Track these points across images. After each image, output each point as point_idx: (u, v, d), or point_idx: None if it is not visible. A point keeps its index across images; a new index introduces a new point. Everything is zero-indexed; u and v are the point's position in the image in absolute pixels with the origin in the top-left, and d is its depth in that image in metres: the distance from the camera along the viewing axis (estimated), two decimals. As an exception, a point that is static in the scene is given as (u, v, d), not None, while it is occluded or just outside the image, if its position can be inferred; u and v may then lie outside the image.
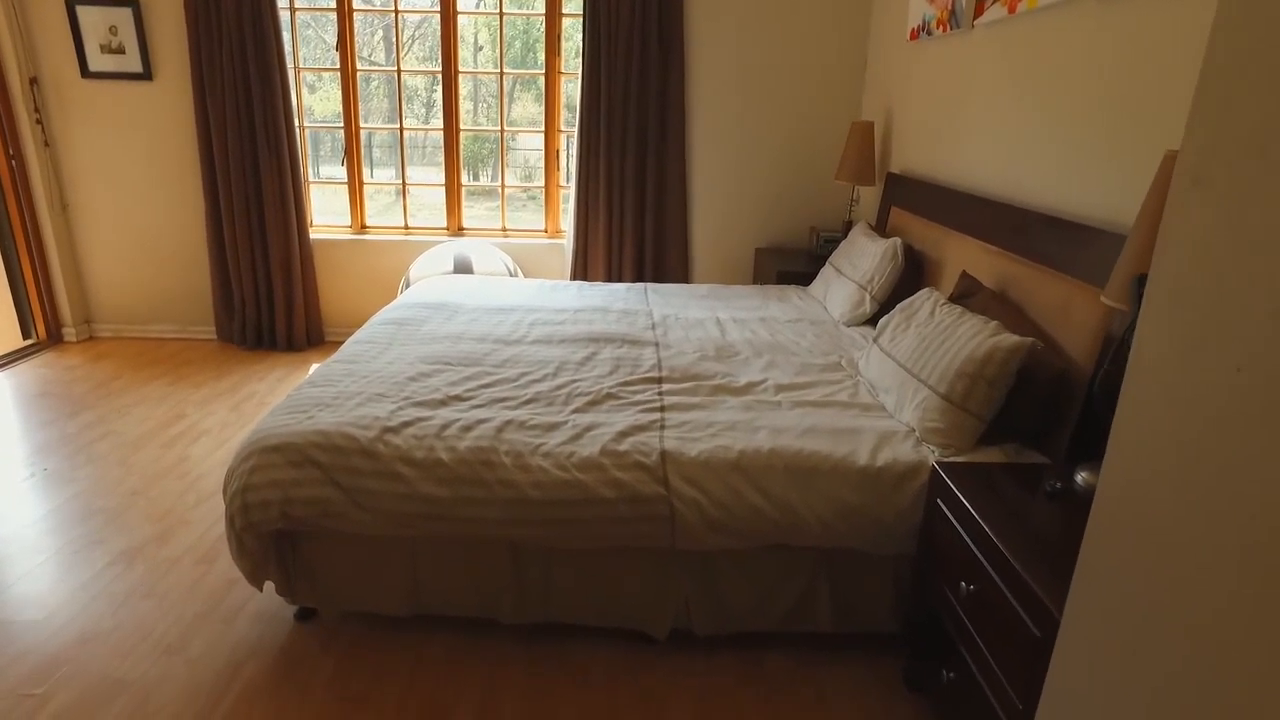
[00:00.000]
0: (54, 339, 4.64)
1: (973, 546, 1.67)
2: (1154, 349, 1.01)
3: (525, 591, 2.12)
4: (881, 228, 3.74)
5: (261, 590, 2.20)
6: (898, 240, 3.09)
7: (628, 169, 4.26)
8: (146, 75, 4.36)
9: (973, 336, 2.11)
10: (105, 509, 2.81)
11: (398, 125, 4.81)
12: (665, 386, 2.47)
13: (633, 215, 4.33)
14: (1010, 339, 2.02)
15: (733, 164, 4.42)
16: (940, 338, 2.23)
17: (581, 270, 4.46)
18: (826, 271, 3.62)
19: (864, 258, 3.29)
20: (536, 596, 2.12)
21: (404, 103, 4.83)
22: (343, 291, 4.71)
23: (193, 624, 2.23)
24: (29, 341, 4.55)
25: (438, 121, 4.61)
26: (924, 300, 2.50)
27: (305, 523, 1.99)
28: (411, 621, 2.24)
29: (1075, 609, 1.17)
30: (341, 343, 3.89)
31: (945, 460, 1.98)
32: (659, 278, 4.48)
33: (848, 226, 4.03)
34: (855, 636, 2.20)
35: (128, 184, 4.53)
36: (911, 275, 3.11)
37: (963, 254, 2.81)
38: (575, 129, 4.28)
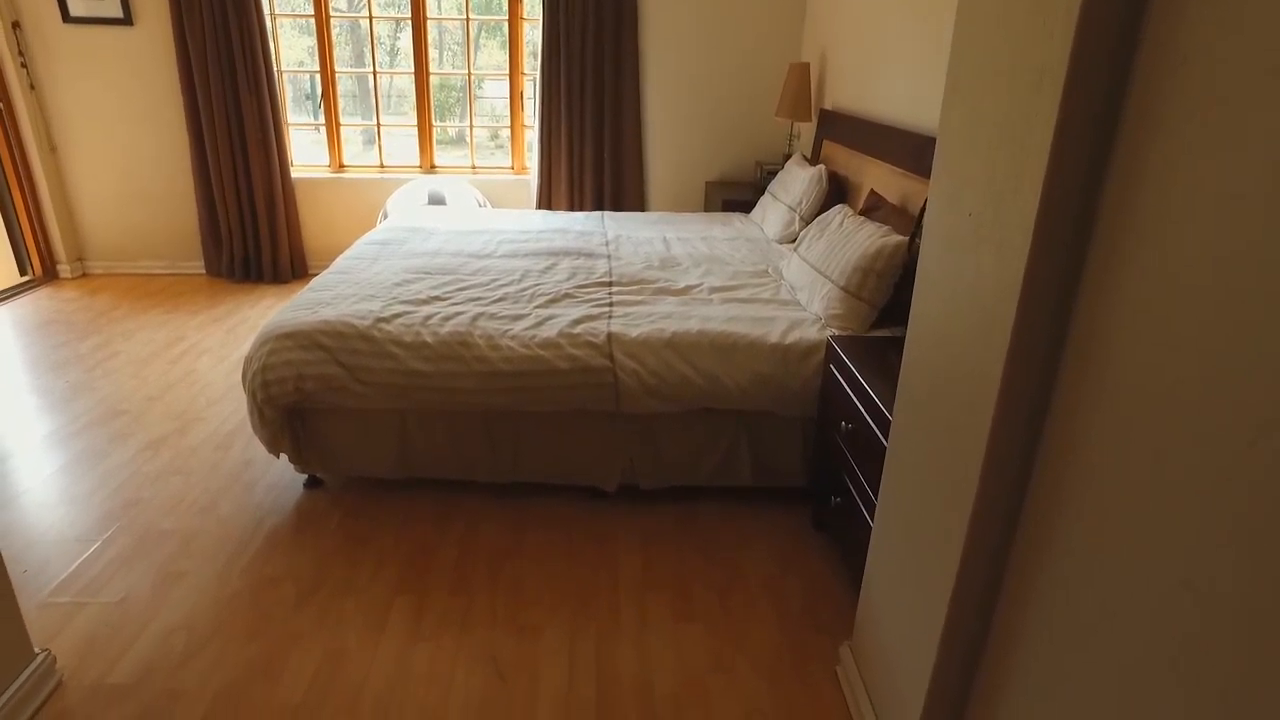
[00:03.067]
0: (50, 275, 4.94)
1: (851, 395, 2.13)
2: (932, 211, 1.46)
3: (497, 455, 2.56)
4: (815, 159, 4.15)
5: (278, 458, 2.62)
6: (822, 167, 3.52)
7: (587, 109, 4.62)
8: (127, 20, 4.60)
9: (868, 238, 2.55)
10: (127, 411, 3.20)
11: (370, 70, 5.11)
12: (614, 289, 2.89)
13: (592, 151, 4.70)
14: (895, 238, 2.46)
15: (684, 103, 4.79)
16: (844, 241, 2.66)
17: (546, 203, 4.84)
18: (765, 199, 4.04)
19: (795, 184, 3.71)
20: (507, 459, 2.56)
21: (373, 49, 5.11)
22: (324, 226, 5.05)
23: (218, 492, 2.65)
24: (26, 278, 4.85)
25: (401, 69, 4.91)
26: (835, 214, 2.93)
27: (314, 397, 2.41)
28: (403, 484, 2.68)
29: (899, 414, 1.64)
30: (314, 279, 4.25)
31: (837, 334, 2.43)
32: (617, 209, 4.87)
33: (786, 159, 4.44)
34: (772, 491, 2.67)
35: (113, 126, 4.80)
36: (836, 198, 3.54)
37: (876, 176, 3.24)
38: (537, 71, 4.61)
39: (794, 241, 3.60)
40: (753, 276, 3.08)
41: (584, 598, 2.20)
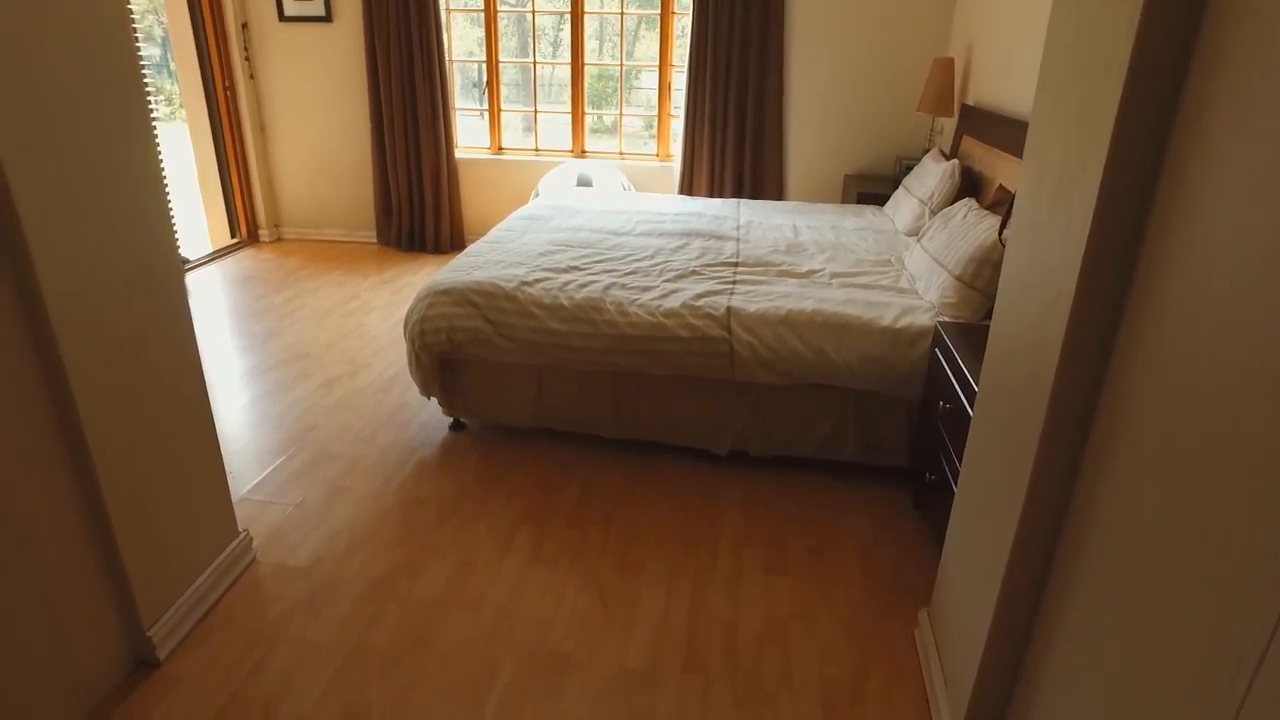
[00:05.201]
0: (252, 239, 5.66)
1: (951, 376, 2.23)
2: (1019, 197, 1.57)
3: (620, 413, 2.81)
4: (953, 154, 4.16)
5: (429, 400, 3.00)
6: (956, 162, 3.55)
7: (731, 100, 4.80)
8: (328, 18, 5.20)
9: (987, 230, 2.62)
10: (309, 355, 3.70)
11: (531, 60, 5.51)
12: (739, 269, 3.08)
13: (734, 141, 4.88)
14: (1014, 230, 2.51)
15: (826, 97, 4.88)
16: (964, 233, 2.74)
17: (687, 189, 5.07)
18: (898, 192, 4.09)
19: (928, 178, 3.76)
20: (629, 417, 2.82)
21: (535, 40, 5.51)
22: (481, 203, 5.51)
23: (379, 426, 3.06)
24: (234, 240, 5.58)
25: (562, 60, 5.27)
26: (960, 207, 2.99)
27: (463, 348, 2.75)
28: (535, 433, 2.99)
29: (983, 387, 1.76)
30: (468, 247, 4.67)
31: (944, 320, 2.52)
32: (755, 198, 5.03)
33: (926, 154, 4.45)
34: (875, 469, 2.79)
35: (310, 110, 5.43)
36: (968, 193, 3.56)
37: (1007, 172, 3.25)
38: (685, 63, 4.84)
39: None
40: (875, 265, 3.18)
41: (686, 544, 2.42)
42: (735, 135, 4.88)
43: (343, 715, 1.82)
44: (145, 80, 1.83)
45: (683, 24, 5.00)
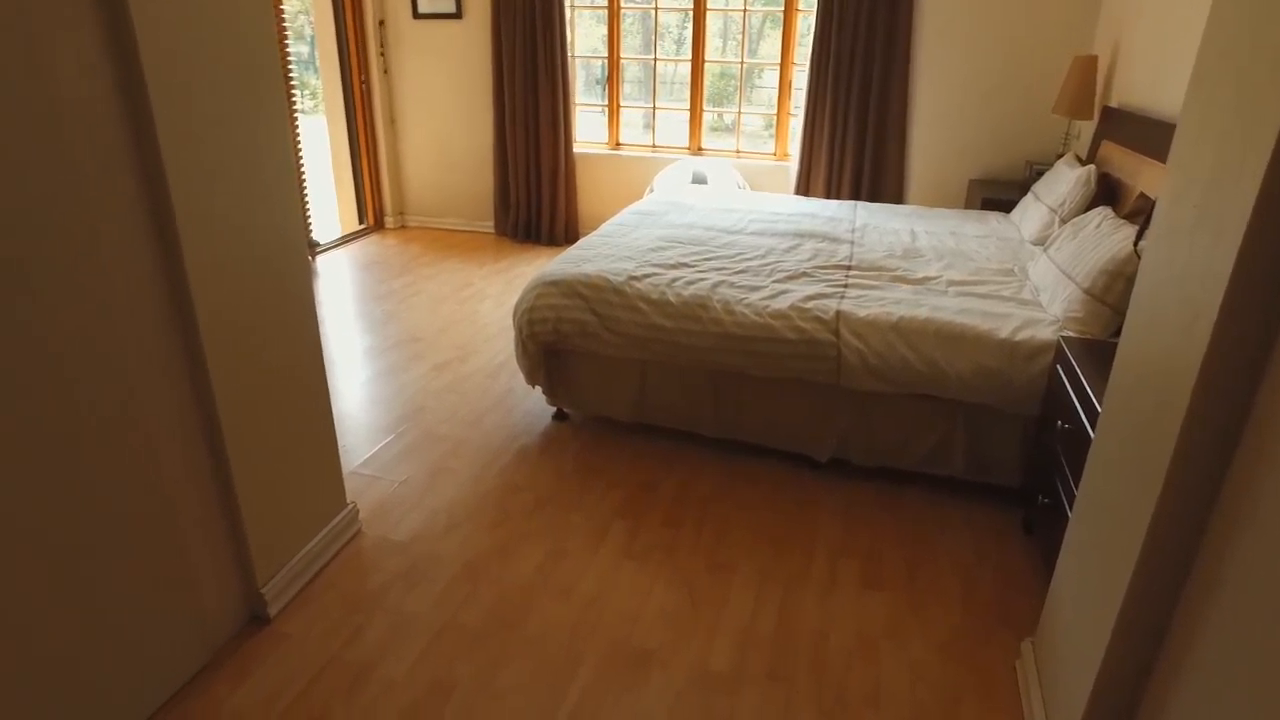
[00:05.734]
0: (378, 225, 5.93)
1: (1072, 394, 2.10)
2: (1160, 204, 1.45)
3: (721, 412, 2.79)
4: (1089, 160, 3.91)
5: (534, 389, 3.06)
6: (1092, 168, 3.34)
7: (852, 99, 4.68)
8: (458, 15, 5.39)
9: (1123, 241, 2.45)
10: (423, 338, 3.84)
11: (652, 58, 5.53)
12: (852, 272, 3.00)
13: (854, 142, 4.76)
14: (1154, 243, 2.34)
15: (953, 98, 4.68)
16: (1096, 243, 2.57)
17: (804, 189, 4.98)
18: (1026, 199, 3.88)
19: (1060, 184, 3.55)
20: (730, 417, 2.79)
21: (657, 38, 5.52)
22: (597, 197, 5.58)
23: (484, 411, 3.14)
24: (362, 226, 5.86)
25: (685, 57, 5.26)
26: (1094, 216, 2.81)
27: (569, 339, 2.79)
28: (634, 427, 3.01)
29: (1107, 407, 1.65)
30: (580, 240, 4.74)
31: (1069, 335, 2.37)
32: (873, 200, 4.88)
33: (1059, 159, 4.21)
34: (984, 487, 2.66)
35: (436, 103, 5.64)
36: (1104, 201, 3.34)
37: (1150, 179, 3.03)
38: (807, 61, 4.75)
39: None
40: (996, 274, 3.03)
41: (779, 550, 2.38)
42: (855, 135, 4.75)
43: (431, 687, 1.87)
44: (290, 76, 1.93)
45: (807, 22, 4.91)
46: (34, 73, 1.37)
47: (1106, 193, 3.36)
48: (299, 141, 4.38)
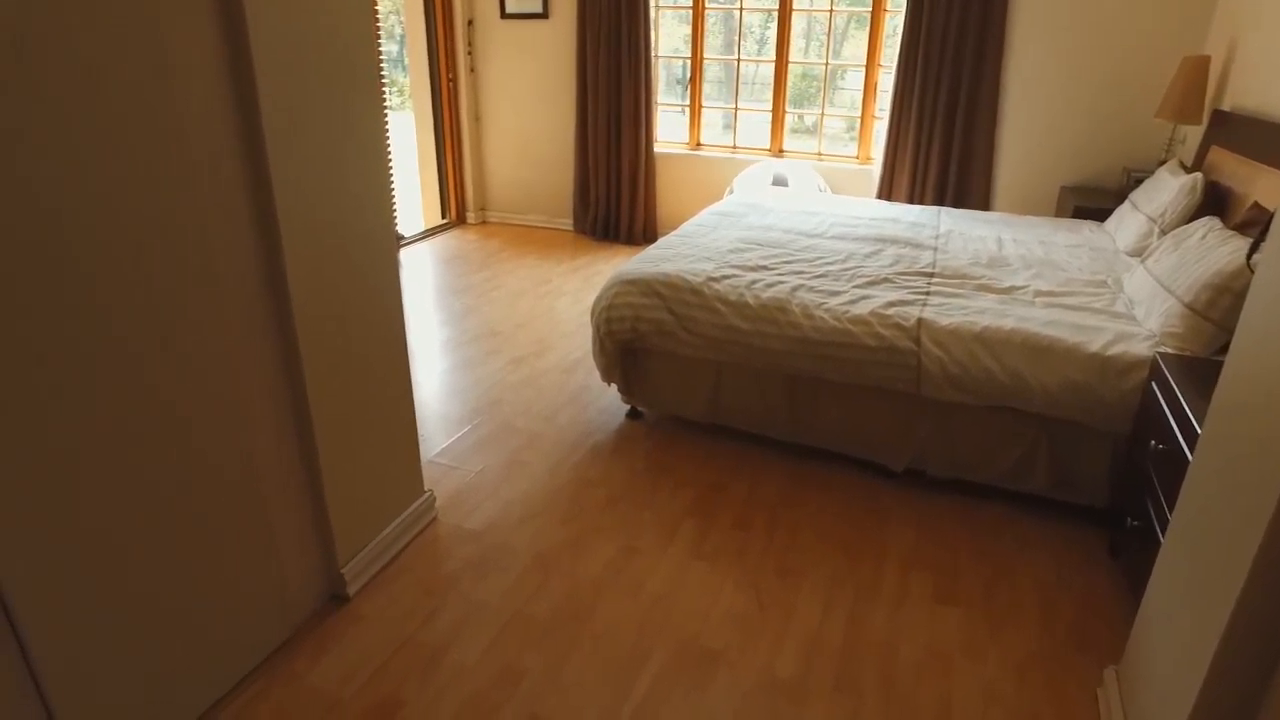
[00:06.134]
0: (460, 220, 6.07)
1: (1168, 414, 2.01)
2: None
3: (796, 417, 2.76)
4: (1196, 167, 3.73)
5: (609, 386, 3.09)
6: (1198, 175, 3.18)
7: (940, 102, 4.57)
8: (544, 15, 5.46)
9: (1231, 253, 2.33)
10: (501, 332, 3.92)
11: (735, 58, 5.51)
12: (934, 280, 2.93)
13: (940, 147, 4.64)
14: (1264, 257, 2.22)
15: (1047, 102, 4.52)
16: (1201, 256, 2.45)
17: (886, 194, 4.89)
18: (1123, 207, 3.73)
19: (1161, 192, 3.39)
20: (804, 422, 2.76)
21: (740, 38, 5.50)
22: (676, 197, 5.59)
23: (559, 406, 3.19)
24: (444, 220, 6.00)
25: (767, 58, 5.22)
26: (1199, 226, 2.68)
27: (646, 338, 2.81)
28: (707, 428, 3.00)
29: (1208, 427, 1.57)
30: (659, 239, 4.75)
31: (1166, 351, 2.27)
32: (958, 206, 4.76)
33: (1161, 166, 4.02)
34: (1067, 506, 2.56)
35: (520, 101, 5.73)
36: (1210, 211, 3.17)
37: (1267, 188, 2.87)
38: (894, 62, 4.65)
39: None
40: (1087, 285, 2.92)
41: (850, 559, 2.34)
42: (942, 139, 4.64)
43: (500, 674, 1.91)
44: (382, 74, 2.00)
45: (894, 22, 4.81)
46: (161, 74, 1.45)
47: (1214, 202, 3.19)
48: (388, 138, 4.50)
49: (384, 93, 2.00)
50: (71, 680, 1.47)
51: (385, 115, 2.02)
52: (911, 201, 4.82)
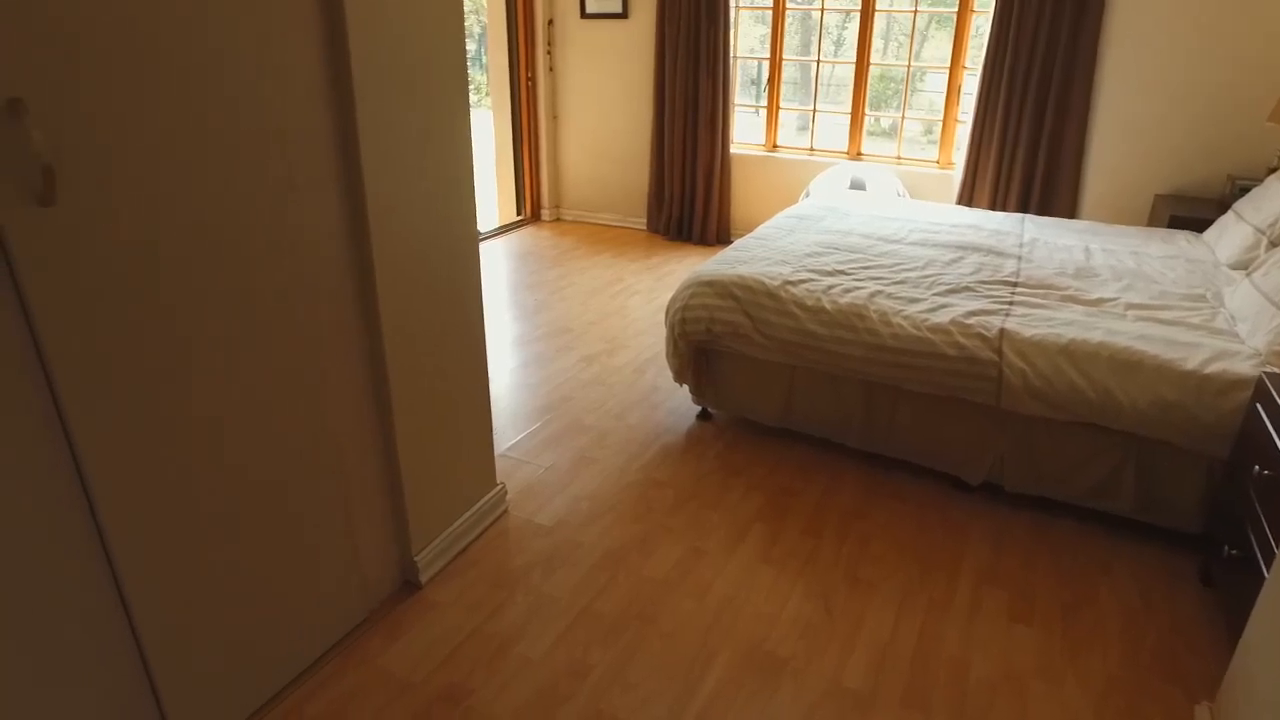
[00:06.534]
0: (534, 217, 6.15)
1: (1275, 437, 1.91)
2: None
3: (871, 425, 2.72)
4: (1306, 178, 3.53)
5: (681, 387, 3.09)
6: (1310, 186, 3.01)
7: (1027, 106, 4.43)
8: (624, 15, 5.49)
9: (1344, 271, 2.20)
10: (572, 330, 3.96)
11: (814, 59, 5.45)
12: (1018, 289, 2.85)
13: (1025, 152, 4.50)
14: (1383, 275, 2.09)
15: (1143, 105, 4.34)
16: (1311, 272, 2.32)
17: (967, 199, 4.77)
18: (1226, 217, 3.55)
19: (1271, 201, 3.23)
20: (879, 431, 2.71)
21: (816, 39, 5.43)
22: (750, 199, 5.56)
23: (629, 405, 3.20)
24: (519, 217, 6.10)
25: (844, 59, 5.14)
26: (1310, 240, 2.54)
27: (720, 340, 2.80)
28: (778, 432, 2.98)
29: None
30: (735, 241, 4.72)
31: (1273, 371, 2.15)
32: (1042, 213, 4.61)
33: (1271, 173, 3.82)
34: (1153, 530, 2.46)
35: (598, 100, 5.78)
36: (1321, 225, 3.01)
37: (1382, 204, 2.71)
38: (980, 64, 4.53)
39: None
40: (1184, 299, 2.79)
41: (923, 571, 2.30)
42: (1028, 144, 4.50)
43: (567, 668, 1.94)
44: (468, 76, 2.04)
45: (979, 23, 4.69)
46: (266, 73, 1.51)
47: (1324, 216, 3.02)
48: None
49: (469, 94, 2.04)
50: (170, 648, 1.55)
51: (470, 116, 2.06)
52: (993, 208, 4.68)
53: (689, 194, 5.52)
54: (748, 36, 6.13)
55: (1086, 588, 2.25)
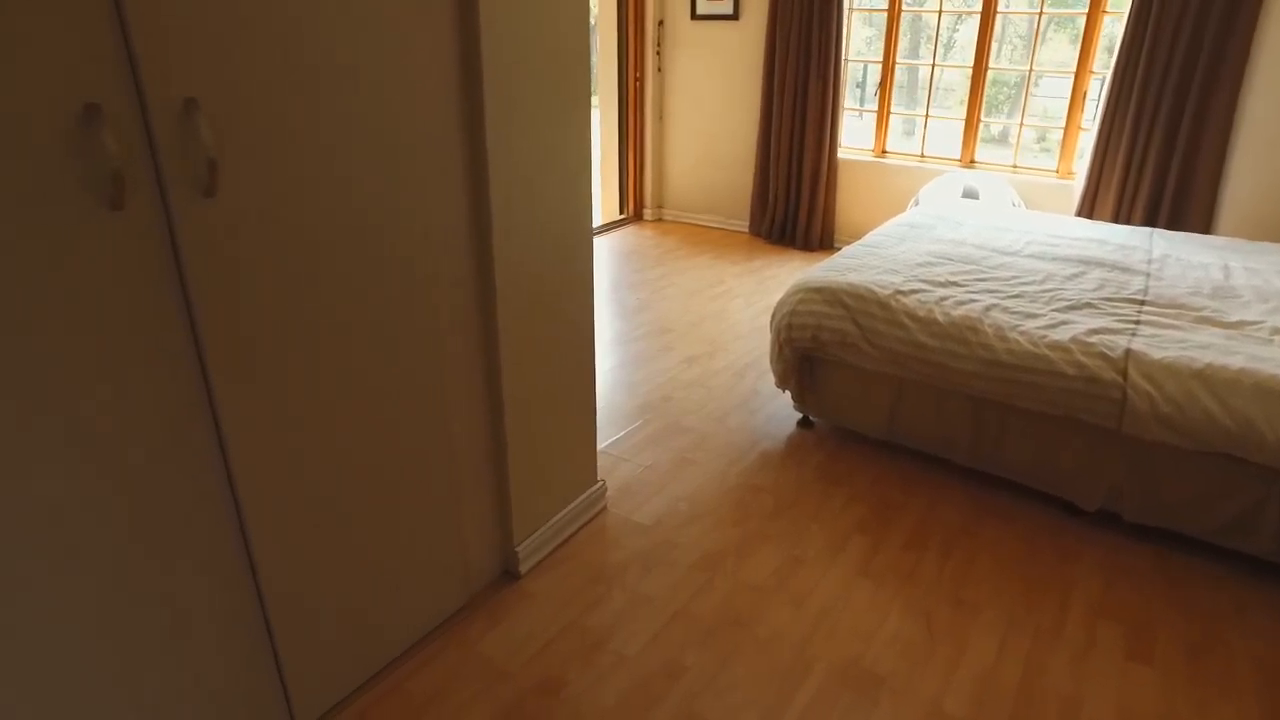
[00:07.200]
0: (636, 216, 6.20)
1: None
2: None
3: (979, 442, 2.63)
4: None
5: (783, 393, 3.07)
6: None
7: (1161, 114, 4.19)
8: (734, 16, 5.47)
9: None
10: (673, 330, 3.97)
11: (925, 62, 5.30)
12: (1146, 308, 2.70)
13: (1156, 163, 4.26)
14: None
15: (1296, 116, 4.04)
16: None
17: (1088, 210, 4.55)
18: (1385, 239, 3.28)
19: None
20: (987, 448, 2.62)
21: (925, 42, 5.28)
22: (856, 205, 5.45)
23: (729, 409, 3.20)
24: (621, 216, 6.16)
25: (952, 63, 4.98)
26: None
27: (827, 348, 2.76)
28: (882, 444, 2.92)
29: None
30: (843, 248, 4.63)
31: None
32: (1173, 228, 4.36)
33: None
34: (1297, 570, 2.29)
35: (705, 102, 5.78)
36: None
37: None
38: (1109, 69, 4.31)
39: None
40: (1338, 326, 2.59)
41: (1030, 597, 2.21)
42: (1159, 154, 4.25)
43: (662, 668, 1.95)
44: (591, 74, 2.08)
45: (1110, 25, 4.46)
46: (404, 75, 1.58)
47: None
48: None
49: (591, 92, 2.07)
50: (290, 612, 1.63)
51: (591, 114, 2.10)
52: (1117, 221, 4.45)
53: (793, 198, 5.46)
54: (853, 39, 6.03)
55: (1216, 630, 2.12)
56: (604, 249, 5.39)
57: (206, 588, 1.46)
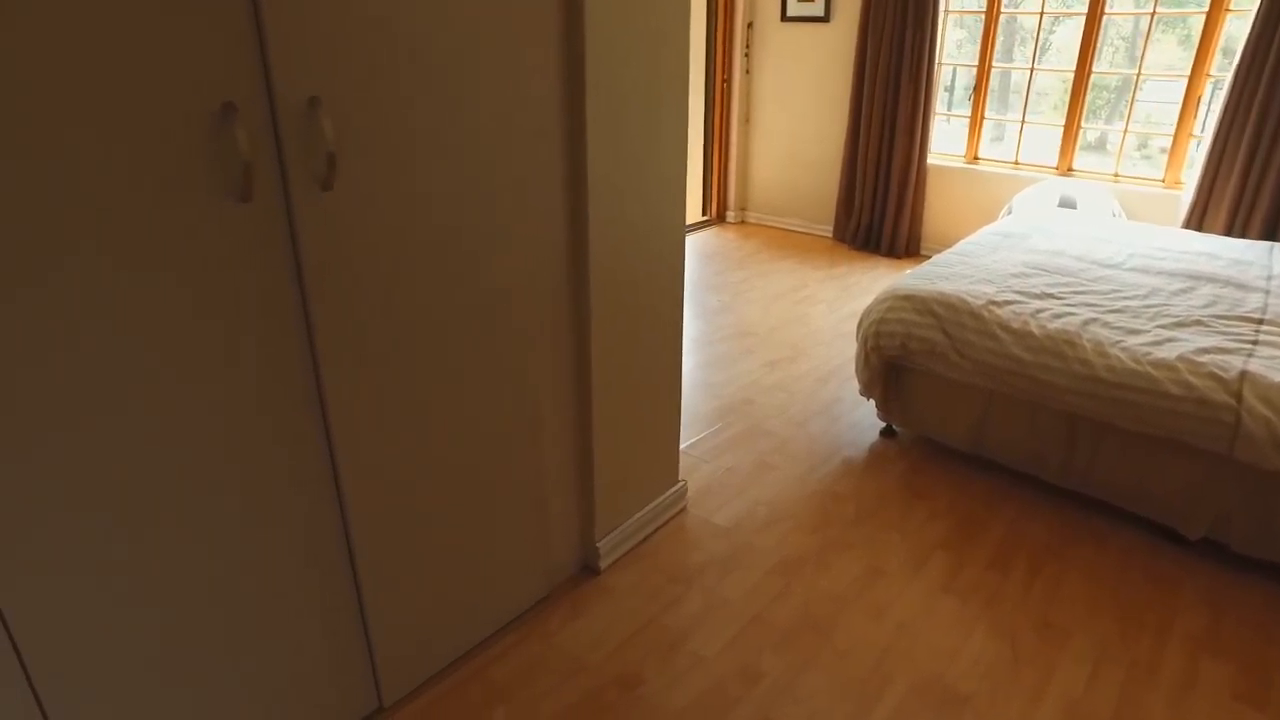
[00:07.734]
0: (719, 218, 6.19)
1: None
2: None
3: (1072, 460, 2.54)
4: None
5: (867, 401, 3.03)
6: None
7: (1284, 122, 3.96)
8: (826, 18, 5.40)
9: None
10: (755, 333, 3.96)
11: (1023, 66, 5.13)
12: (1264, 327, 2.56)
13: (1277, 171, 4.03)
14: None
15: None
16: None
17: (1196, 223, 4.33)
18: None
19: None
20: (1080, 467, 2.53)
21: (1018, 44, 5.10)
22: (944, 212, 5.32)
23: (812, 414, 3.17)
24: (704, 217, 6.15)
25: (1047, 66, 4.80)
26: None
27: (914, 357, 2.71)
28: (965, 457, 2.85)
29: None
30: (934, 256, 4.53)
31: None
32: (1290, 244, 4.11)
33: None
34: None
35: (792, 104, 5.72)
36: None
37: None
38: (1229, 72, 4.10)
39: None
40: None
41: (1124, 627, 2.12)
42: (1281, 165, 4.02)
43: (739, 671, 1.95)
44: (687, 77, 2.08)
45: (1233, 25, 4.23)
46: (509, 81, 1.62)
47: None
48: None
49: (687, 95, 2.08)
50: (381, 591, 1.70)
51: (687, 118, 2.11)
52: (1230, 234, 4.23)
53: (880, 203, 5.36)
54: (945, 42, 5.88)
55: (1328, 670, 2.00)
56: (686, 250, 5.39)
57: (305, 563, 1.54)
